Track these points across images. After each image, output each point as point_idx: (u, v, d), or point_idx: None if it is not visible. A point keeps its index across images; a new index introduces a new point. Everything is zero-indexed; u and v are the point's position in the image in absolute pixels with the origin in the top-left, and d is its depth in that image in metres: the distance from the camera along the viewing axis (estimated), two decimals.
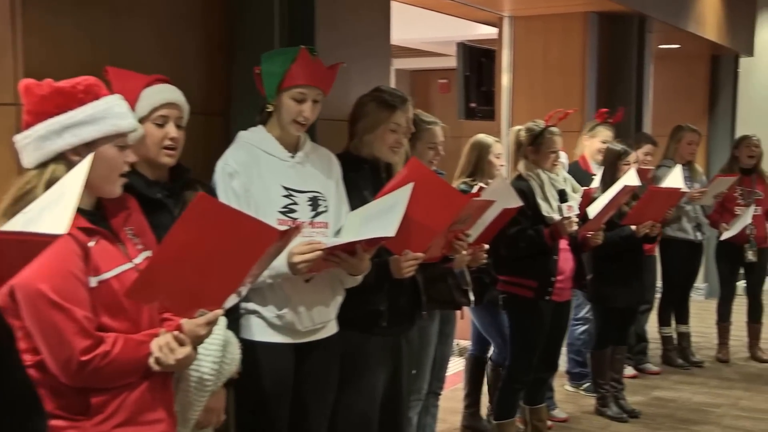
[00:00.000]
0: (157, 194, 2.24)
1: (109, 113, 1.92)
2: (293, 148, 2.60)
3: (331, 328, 2.66)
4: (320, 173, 2.62)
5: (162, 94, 2.27)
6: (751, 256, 5.73)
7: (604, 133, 4.94)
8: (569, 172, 4.85)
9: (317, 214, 2.55)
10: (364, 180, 2.76)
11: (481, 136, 4.15)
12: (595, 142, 4.89)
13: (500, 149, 4.17)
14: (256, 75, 2.56)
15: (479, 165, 4.05)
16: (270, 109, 2.55)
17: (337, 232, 2.58)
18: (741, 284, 6.07)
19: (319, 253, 2.35)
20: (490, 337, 4.28)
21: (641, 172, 4.54)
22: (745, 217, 5.64)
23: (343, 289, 2.65)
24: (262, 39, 2.96)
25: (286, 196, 2.50)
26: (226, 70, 3.03)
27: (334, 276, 2.58)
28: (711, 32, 7.21)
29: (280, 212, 2.47)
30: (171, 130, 2.26)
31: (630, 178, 4.17)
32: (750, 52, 8.47)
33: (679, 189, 4.48)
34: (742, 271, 5.94)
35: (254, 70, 2.57)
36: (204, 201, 1.81)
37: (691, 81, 8.33)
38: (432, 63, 8.76)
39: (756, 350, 6.03)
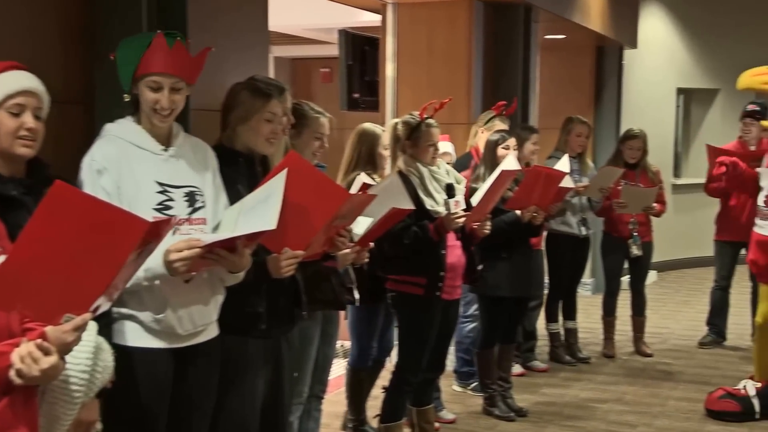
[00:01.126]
0: (12, 191, 2.17)
1: None
2: (165, 140, 2.57)
3: (212, 331, 2.65)
4: (196, 166, 2.60)
5: (17, 81, 2.20)
6: (635, 250, 6.04)
7: (500, 126, 5.10)
8: (461, 164, 5.01)
9: (194, 210, 2.53)
10: (238, 174, 2.76)
11: (369, 126, 4.14)
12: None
13: (387, 139, 4.22)
14: (113, 62, 2.51)
15: (370, 157, 4.06)
16: (127, 98, 2.51)
17: (215, 228, 2.58)
18: (626, 279, 6.40)
19: (197, 250, 2.33)
20: (353, 337, 4.31)
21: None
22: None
23: (224, 288, 2.65)
24: (128, 23, 2.92)
25: (160, 192, 2.48)
26: (89, 55, 2.96)
27: (214, 274, 2.57)
28: (596, 23, 7.54)
29: (155, 209, 2.45)
30: (28, 119, 2.20)
31: (508, 163, 4.30)
32: (634, 44, 8.90)
33: (563, 172, 4.66)
34: (626, 265, 6.25)
35: (111, 57, 2.51)
36: (62, 190, 1.74)
37: (577, 72, 8.69)
38: (313, 51, 8.76)
39: (640, 344, 6.37)
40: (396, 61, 6.00)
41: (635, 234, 6.02)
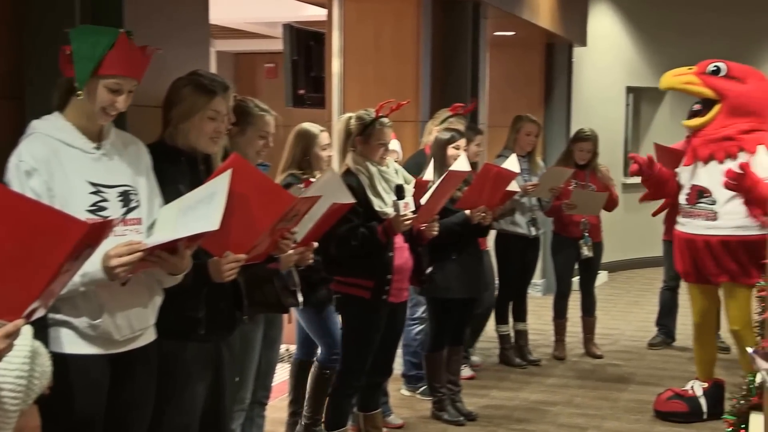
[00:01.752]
0: None
1: None
2: (96, 137, 2.53)
3: (150, 335, 2.63)
4: (129, 165, 2.57)
5: None
6: (586, 251, 6.13)
7: (456, 125, 5.13)
8: (416, 162, 5.03)
9: (129, 210, 2.50)
10: (180, 173, 2.74)
11: (306, 126, 4.18)
12: None
13: (327, 140, 4.23)
14: (65, 55, 2.45)
15: (305, 157, 4.10)
16: (80, 95, 2.44)
17: (150, 227, 2.55)
18: (576, 279, 6.50)
19: (139, 254, 2.31)
20: (317, 337, 4.36)
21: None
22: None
23: (162, 290, 2.62)
24: (59, 13, 2.86)
25: (93, 193, 2.44)
26: (20, 49, 2.90)
27: (152, 276, 2.55)
28: (545, 20, 7.63)
29: (89, 211, 2.41)
30: None
31: (459, 164, 4.33)
32: (583, 41, 9.03)
33: (514, 172, 4.71)
34: (577, 266, 6.34)
35: (64, 49, 2.44)
36: None
37: (526, 70, 8.78)
38: (257, 45, 8.72)
39: (590, 345, 6.47)
40: (342, 56, 6.00)
41: (586, 234, 6.10)
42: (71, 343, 2.45)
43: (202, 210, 2.43)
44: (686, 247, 4.80)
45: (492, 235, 5.58)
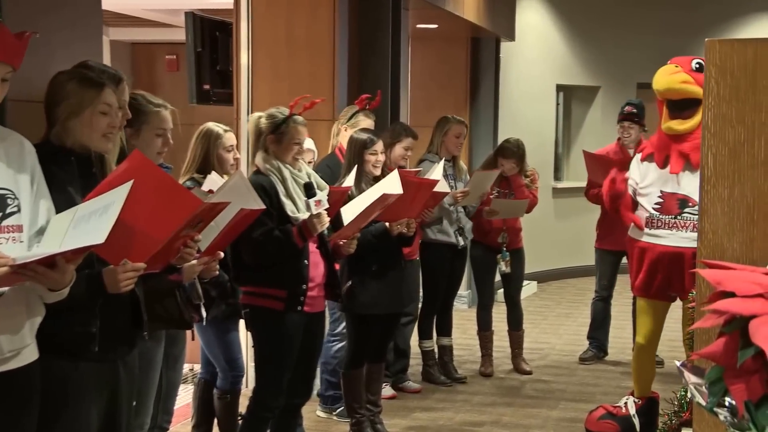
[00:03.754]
0: None
1: None
2: None
3: (28, 356, 2.55)
4: (8, 165, 2.50)
5: None
6: (504, 266, 6.24)
7: (365, 122, 5.15)
8: (329, 165, 5.03)
9: (5, 216, 2.44)
10: (69, 175, 2.69)
11: (210, 125, 4.20)
12: None
13: (233, 140, 4.22)
14: None
15: (208, 159, 4.08)
16: None
17: (38, 234, 2.50)
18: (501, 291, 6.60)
19: (6, 269, 2.25)
20: (215, 359, 4.33)
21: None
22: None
23: (43, 307, 2.56)
24: None
25: None
26: None
27: (31, 291, 2.49)
28: (470, 13, 7.73)
29: None
30: None
31: (391, 184, 4.28)
32: (511, 36, 9.18)
33: (436, 180, 4.74)
34: (500, 277, 6.44)
35: None
36: None
37: (451, 65, 8.89)
38: (157, 35, 8.61)
39: (519, 361, 6.57)
40: (251, 49, 5.97)
41: (504, 250, 6.21)
42: None
43: (93, 222, 2.39)
44: (664, 260, 4.79)
45: (418, 242, 5.62)
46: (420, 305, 6.14)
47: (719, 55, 2.56)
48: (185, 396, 5.00)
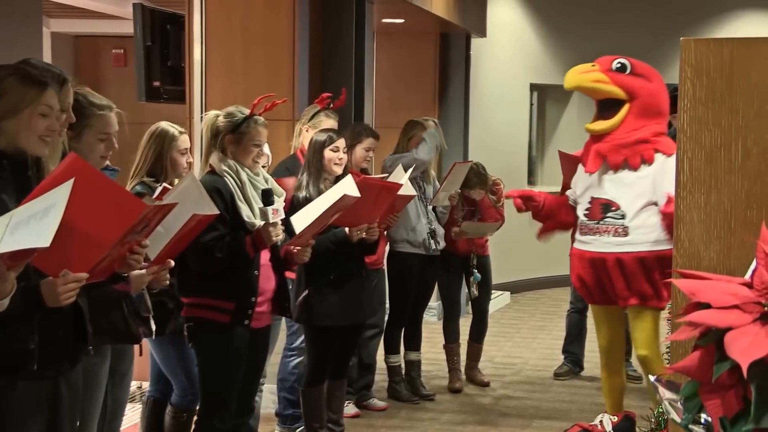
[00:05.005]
0: None
1: None
2: None
3: None
4: None
5: None
6: (474, 290, 6.34)
7: (328, 122, 5.16)
8: (288, 167, 5.03)
9: None
10: (2, 179, 2.67)
11: (164, 125, 4.18)
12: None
13: (187, 143, 4.21)
14: None
15: (160, 162, 4.07)
16: None
17: None
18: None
19: None
20: (173, 375, 4.32)
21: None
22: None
23: None
24: None
25: None
26: None
27: None
28: (438, 7, 7.77)
29: None
30: None
31: (347, 186, 4.29)
32: (482, 32, 9.24)
33: (399, 184, 4.77)
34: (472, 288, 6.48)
35: None
36: None
37: (419, 63, 8.91)
38: (103, 27, 8.59)
39: (475, 372, 6.60)
40: (204, 43, 5.96)
41: (475, 271, 6.29)
42: None
43: (34, 226, 2.38)
44: (590, 267, 4.91)
45: (385, 251, 5.64)
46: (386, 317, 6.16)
47: (695, 55, 2.61)
48: (132, 415, 4.98)
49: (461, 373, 6.56)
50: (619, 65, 4.87)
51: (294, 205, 4.42)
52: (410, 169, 5.03)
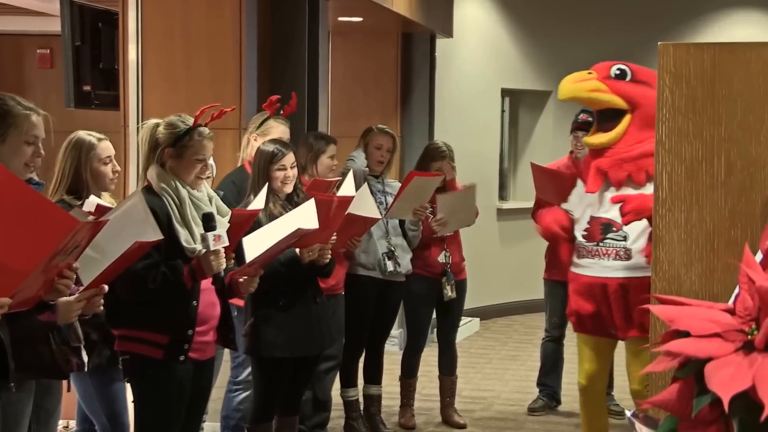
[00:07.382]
0: None
1: None
2: None
3: None
4: None
5: None
6: (449, 291, 6.27)
7: (278, 129, 5.16)
8: (231, 181, 5.03)
9: None
10: None
11: (80, 134, 4.19)
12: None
13: (109, 150, 4.20)
14: None
15: (80, 175, 4.06)
16: None
17: None
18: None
19: None
20: (93, 414, 4.31)
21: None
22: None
23: None
24: None
25: None
26: None
27: None
28: (399, 4, 7.81)
29: None
30: None
31: (306, 216, 4.25)
32: (449, 32, 9.29)
33: (350, 196, 4.73)
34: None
35: None
36: None
37: (379, 65, 8.91)
38: (27, 24, 8.54)
39: (451, 412, 6.57)
40: (140, 44, 5.95)
41: (448, 270, 6.25)
42: None
43: None
44: (588, 293, 4.90)
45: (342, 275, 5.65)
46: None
47: (673, 61, 2.62)
48: None
49: (413, 409, 6.53)
50: (618, 72, 4.86)
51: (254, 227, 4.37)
52: (349, 177, 5.00)
